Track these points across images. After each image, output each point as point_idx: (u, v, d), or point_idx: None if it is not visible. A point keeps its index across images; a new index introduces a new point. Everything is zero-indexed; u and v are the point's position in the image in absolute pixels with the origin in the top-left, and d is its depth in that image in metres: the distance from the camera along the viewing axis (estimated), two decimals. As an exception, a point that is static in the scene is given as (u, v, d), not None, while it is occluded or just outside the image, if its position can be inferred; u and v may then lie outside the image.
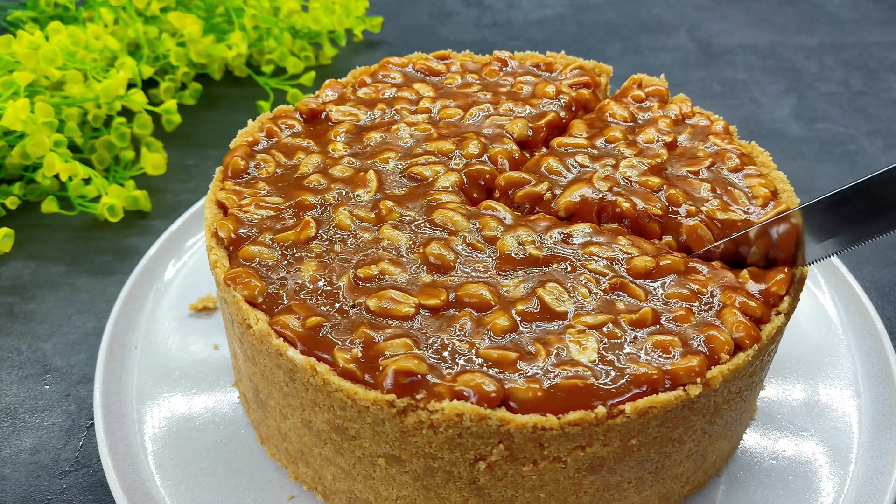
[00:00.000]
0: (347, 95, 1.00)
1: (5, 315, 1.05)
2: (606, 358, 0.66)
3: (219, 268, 0.75)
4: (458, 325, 0.68)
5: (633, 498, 0.73)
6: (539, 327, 0.68)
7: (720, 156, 0.89)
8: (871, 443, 0.86)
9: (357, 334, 0.67)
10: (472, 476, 0.67)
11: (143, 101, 1.25)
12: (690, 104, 0.98)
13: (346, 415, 0.67)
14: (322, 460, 0.75)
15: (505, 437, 0.63)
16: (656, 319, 0.69)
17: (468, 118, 0.93)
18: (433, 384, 0.63)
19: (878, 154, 1.38)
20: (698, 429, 0.70)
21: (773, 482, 0.82)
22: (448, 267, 0.74)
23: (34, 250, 1.16)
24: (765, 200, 0.82)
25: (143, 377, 0.92)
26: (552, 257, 0.75)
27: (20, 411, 0.93)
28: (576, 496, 0.69)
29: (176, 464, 0.83)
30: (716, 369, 0.66)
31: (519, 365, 0.65)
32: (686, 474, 0.76)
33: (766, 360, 0.75)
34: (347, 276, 0.72)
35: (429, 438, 0.64)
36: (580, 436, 0.63)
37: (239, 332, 0.74)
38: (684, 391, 0.65)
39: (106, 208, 1.16)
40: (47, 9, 1.47)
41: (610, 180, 0.83)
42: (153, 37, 1.39)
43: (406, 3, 1.76)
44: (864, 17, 1.79)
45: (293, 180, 0.85)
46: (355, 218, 0.79)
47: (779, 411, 0.90)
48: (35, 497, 0.83)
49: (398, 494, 0.72)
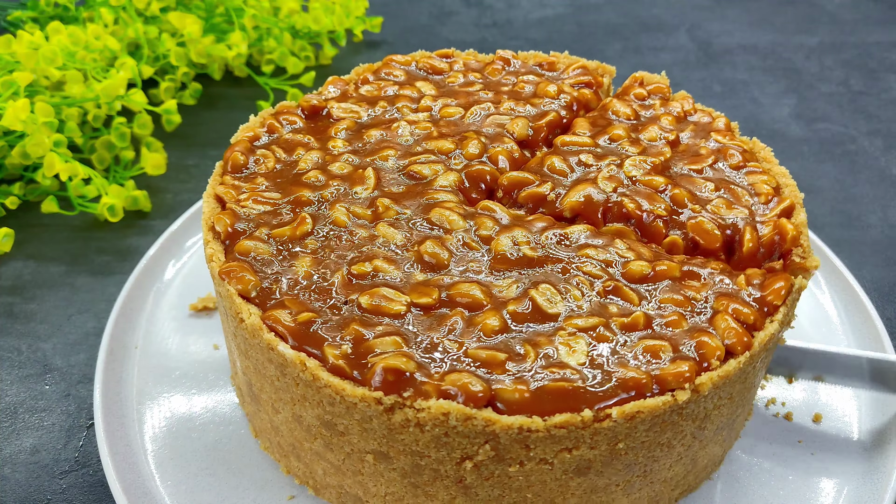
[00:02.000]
0: (350, 92, 1.00)
1: (5, 315, 1.05)
2: (595, 361, 0.66)
3: (214, 261, 0.75)
4: (449, 324, 0.68)
5: (621, 500, 0.73)
6: (530, 328, 0.68)
7: (722, 153, 0.88)
8: (870, 443, 0.85)
9: (348, 331, 0.67)
10: (459, 475, 0.67)
11: (143, 101, 1.26)
12: (692, 101, 0.98)
13: (334, 410, 0.67)
14: (313, 455, 0.75)
15: (491, 438, 0.63)
16: (648, 324, 0.69)
17: (469, 117, 0.94)
18: (420, 382, 0.63)
19: (878, 154, 1.39)
20: (688, 434, 0.70)
21: (773, 482, 0.82)
22: (442, 265, 0.74)
23: (34, 250, 1.16)
24: (767, 197, 0.82)
25: (143, 377, 0.92)
26: (547, 258, 0.75)
27: (20, 411, 0.93)
28: (563, 498, 0.69)
29: (176, 464, 0.83)
30: (705, 375, 0.65)
31: (507, 366, 0.65)
32: (676, 478, 0.76)
33: (760, 367, 0.75)
34: (341, 273, 0.73)
35: (416, 436, 0.65)
36: (567, 438, 0.63)
37: (233, 326, 0.74)
38: (672, 397, 0.64)
39: (106, 208, 1.16)
40: (47, 9, 1.47)
41: (614, 180, 0.83)
42: (153, 37, 1.39)
43: (406, 3, 1.76)
44: (864, 17, 1.80)
45: (292, 176, 0.85)
46: (352, 214, 0.79)
47: (779, 411, 0.90)
48: (35, 497, 0.83)
49: (386, 491, 0.72)
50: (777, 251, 0.78)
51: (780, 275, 0.74)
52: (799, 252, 0.77)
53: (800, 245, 0.78)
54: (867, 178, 1.35)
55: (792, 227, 0.78)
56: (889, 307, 1.09)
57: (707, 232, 0.78)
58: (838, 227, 1.24)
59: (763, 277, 0.74)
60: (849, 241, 1.20)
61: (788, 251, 0.77)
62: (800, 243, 0.78)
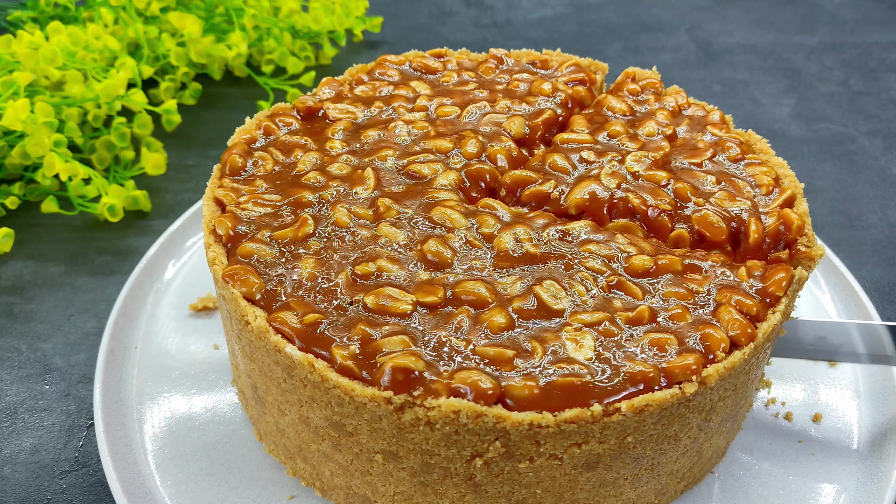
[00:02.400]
0: (344, 93, 1.00)
1: (5, 315, 1.06)
2: (603, 356, 0.66)
3: (217, 265, 0.75)
4: (456, 322, 0.68)
5: (629, 494, 0.73)
6: (536, 325, 0.69)
7: (720, 145, 0.89)
8: (870, 443, 0.85)
9: (355, 331, 0.67)
10: (469, 473, 0.67)
11: (143, 101, 1.26)
12: (685, 95, 0.99)
13: (343, 411, 0.67)
14: (320, 456, 0.75)
15: (501, 435, 0.63)
16: (653, 317, 0.70)
17: (465, 116, 0.94)
18: (430, 381, 0.63)
19: (878, 154, 1.39)
20: (694, 426, 0.71)
21: (773, 482, 0.82)
22: (445, 264, 0.74)
23: (34, 250, 1.16)
24: (768, 188, 0.83)
25: (143, 377, 0.92)
26: (550, 255, 0.75)
27: (20, 411, 0.93)
28: (572, 492, 0.70)
29: (176, 463, 0.83)
30: (712, 367, 0.66)
31: (515, 362, 0.65)
32: (682, 470, 0.76)
33: (763, 358, 0.75)
34: (345, 273, 0.73)
35: (426, 435, 0.65)
36: (576, 433, 0.64)
37: (237, 329, 0.74)
38: (680, 389, 0.65)
39: (106, 208, 1.16)
40: (47, 9, 1.47)
41: (618, 176, 0.83)
42: (153, 37, 1.39)
43: (406, 3, 1.76)
44: (864, 17, 1.80)
45: (291, 178, 0.85)
46: (353, 215, 0.79)
47: (779, 411, 0.90)
48: (35, 497, 0.83)
49: (395, 490, 0.72)
50: (782, 241, 0.79)
51: (781, 266, 0.75)
52: (804, 241, 0.78)
53: (804, 234, 0.78)
54: (867, 177, 1.35)
55: (797, 216, 0.79)
56: (889, 307, 1.09)
57: (712, 224, 0.79)
58: (838, 226, 1.24)
59: (764, 269, 0.75)
60: (849, 240, 1.20)
61: (794, 240, 0.78)
62: (804, 232, 0.79)
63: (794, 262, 0.78)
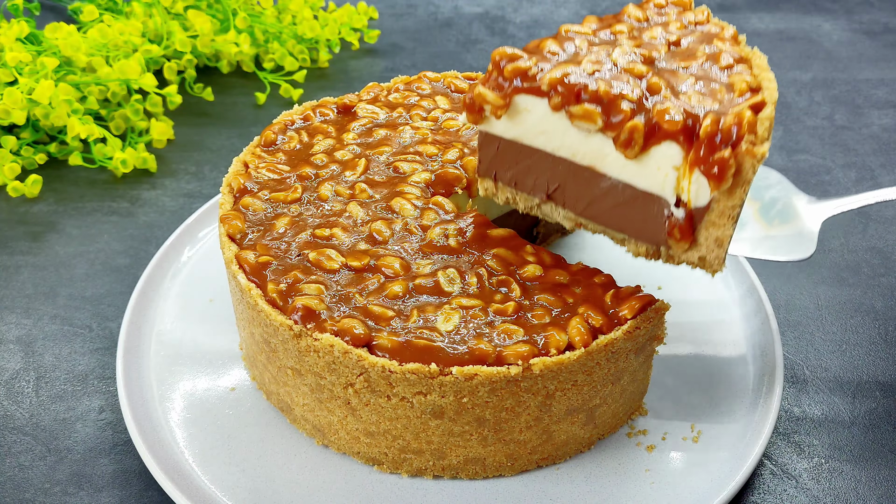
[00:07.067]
0: (380, 97, 1.13)
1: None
2: (459, 332, 0.81)
3: (221, 209, 0.94)
4: (366, 284, 0.86)
5: (478, 448, 0.86)
6: (424, 299, 0.84)
7: (716, 56, 0.86)
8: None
9: (290, 275, 0.86)
10: (346, 397, 0.84)
11: (153, 84, 1.43)
12: (708, 13, 0.95)
13: (268, 331, 0.85)
14: (261, 365, 0.93)
15: (363, 371, 0.80)
16: (517, 311, 0.83)
17: (465, 130, 1.06)
18: (323, 320, 0.81)
19: (850, 185, 1.44)
20: (532, 405, 0.83)
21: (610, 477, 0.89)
22: (383, 241, 0.92)
23: (64, 194, 1.34)
24: (741, 93, 0.79)
25: (160, 361, 0.99)
26: (464, 251, 0.89)
27: (90, 378, 1.02)
28: (426, 434, 0.85)
29: (201, 439, 0.90)
30: (538, 359, 0.79)
31: (392, 322, 0.82)
32: (531, 443, 0.87)
33: (605, 365, 0.84)
34: (306, 233, 0.91)
35: (315, 360, 0.82)
36: (419, 383, 0.79)
37: (224, 260, 0.92)
38: (507, 369, 0.78)
39: (119, 161, 1.37)
40: (101, 1, 1.63)
41: (597, 64, 0.83)
42: (173, 30, 1.55)
43: (436, 31, 1.85)
44: (858, 55, 1.82)
45: (304, 155, 1.05)
46: (335, 192, 0.98)
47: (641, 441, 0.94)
48: (101, 447, 0.95)
49: (303, 402, 0.89)
50: (734, 138, 0.74)
51: (645, 296, 0.84)
52: (750, 138, 0.73)
53: (755, 133, 0.74)
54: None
55: (750, 114, 0.74)
56: (836, 323, 1.14)
57: (669, 117, 0.76)
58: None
59: (626, 296, 0.85)
60: (809, 262, 1.23)
61: (741, 137, 0.73)
62: (755, 131, 0.74)
63: (737, 159, 0.74)
